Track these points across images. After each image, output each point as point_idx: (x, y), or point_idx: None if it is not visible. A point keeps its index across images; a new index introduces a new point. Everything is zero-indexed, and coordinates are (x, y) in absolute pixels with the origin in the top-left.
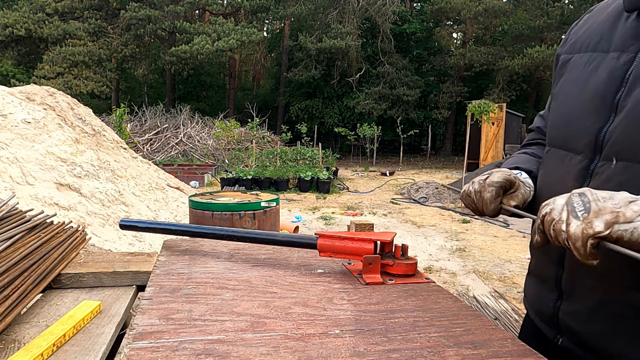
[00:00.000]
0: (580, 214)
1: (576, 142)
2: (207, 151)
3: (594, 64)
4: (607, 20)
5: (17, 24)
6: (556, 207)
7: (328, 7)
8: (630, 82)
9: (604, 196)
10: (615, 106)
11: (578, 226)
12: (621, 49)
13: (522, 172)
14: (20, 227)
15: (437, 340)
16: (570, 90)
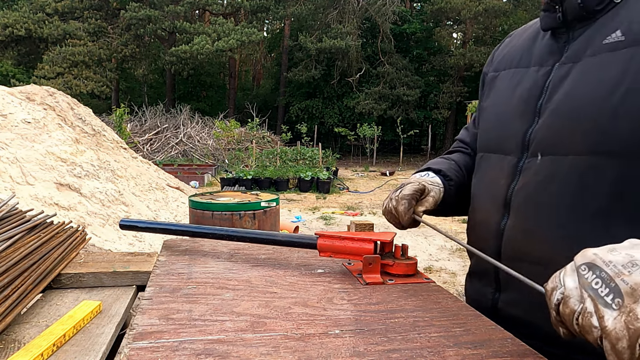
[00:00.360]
0: (611, 301)
1: (506, 144)
2: (207, 151)
3: (518, 77)
4: (526, 40)
5: (17, 24)
6: (571, 294)
7: (328, 7)
8: (549, 90)
9: (622, 262)
10: (538, 110)
11: (616, 319)
12: (540, 64)
13: (430, 172)
14: (20, 227)
15: (437, 340)
16: (499, 100)
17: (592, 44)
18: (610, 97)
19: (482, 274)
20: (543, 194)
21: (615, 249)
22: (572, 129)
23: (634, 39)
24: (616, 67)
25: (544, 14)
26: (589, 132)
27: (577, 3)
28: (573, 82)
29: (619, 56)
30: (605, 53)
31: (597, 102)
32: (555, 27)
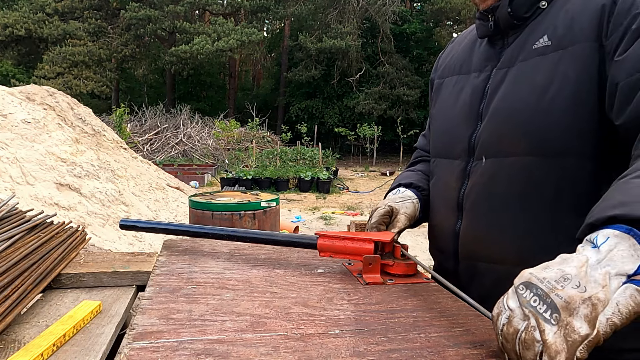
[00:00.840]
0: (549, 316)
1: (454, 149)
2: (207, 151)
3: (461, 84)
4: (466, 47)
5: (17, 24)
6: (514, 314)
7: (328, 7)
8: (489, 95)
9: (555, 277)
10: (480, 115)
11: (556, 334)
12: (479, 70)
13: (401, 188)
14: (20, 227)
15: (437, 340)
16: (445, 107)
17: (524, 49)
18: (541, 99)
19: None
20: (489, 196)
21: (549, 266)
22: (510, 132)
23: (558, 43)
24: (545, 70)
25: (478, 23)
26: (525, 133)
27: (508, 12)
28: (508, 86)
29: (547, 60)
30: (535, 57)
31: (531, 105)
32: (489, 34)
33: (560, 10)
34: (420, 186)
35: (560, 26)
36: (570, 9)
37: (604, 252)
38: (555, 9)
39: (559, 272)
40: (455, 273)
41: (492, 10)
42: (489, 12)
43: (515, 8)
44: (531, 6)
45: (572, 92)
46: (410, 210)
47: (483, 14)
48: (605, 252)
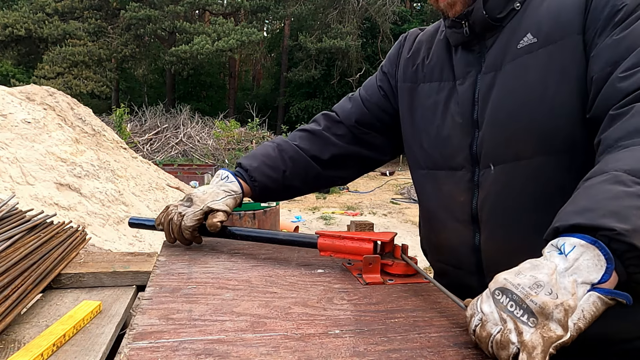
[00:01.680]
0: (527, 320)
1: (454, 160)
2: (207, 151)
3: (445, 91)
4: (440, 52)
5: (17, 24)
6: (488, 318)
7: (328, 7)
8: (480, 102)
9: (528, 284)
10: (475, 123)
11: (533, 334)
12: (462, 76)
13: (230, 176)
14: (20, 227)
15: (437, 340)
16: (432, 117)
17: (509, 50)
18: (542, 97)
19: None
20: (505, 203)
21: (521, 272)
22: (516, 135)
23: (545, 38)
24: (538, 68)
25: (450, 31)
26: (531, 134)
27: (483, 14)
28: (501, 89)
29: (537, 57)
30: (524, 56)
31: (531, 105)
32: (465, 40)
33: (539, 8)
34: (254, 177)
35: (544, 22)
36: (552, 4)
37: (571, 261)
38: (532, 8)
39: (532, 278)
40: (481, 288)
41: (464, 16)
42: (462, 18)
43: (490, 9)
44: (505, 6)
45: (571, 85)
46: (231, 205)
47: (455, 21)
48: (572, 260)
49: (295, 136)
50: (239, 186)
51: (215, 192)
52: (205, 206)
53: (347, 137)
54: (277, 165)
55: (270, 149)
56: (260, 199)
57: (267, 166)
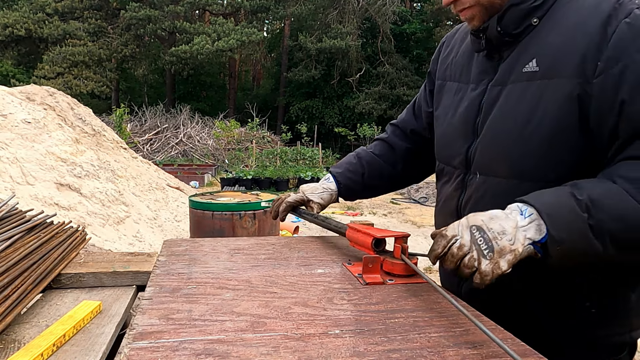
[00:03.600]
0: (487, 254)
1: (455, 159)
2: (207, 151)
3: (461, 93)
4: (466, 53)
5: (17, 24)
6: (466, 243)
7: (328, 7)
8: (484, 110)
9: (498, 230)
10: (476, 130)
11: (487, 265)
12: (476, 82)
13: (330, 177)
14: (20, 227)
15: (437, 340)
16: (446, 114)
17: (515, 70)
18: (523, 128)
19: None
20: (480, 208)
21: (493, 218)
22: (497, 154)
23: (544, 72)
24: (531, 98)
25: (472, 38)
26: (507, 158)
27: (498, 31)
28: (500, 107)
29: (532, 87)
30: (524, 82)
31: (513, 132)
32: (482, 50)
33: (551, 32)
34: (340, 181)
35: (549, 53)
36: (560, 33)
37: (527, 222)
38: (547, 29)
39: (501, 227)
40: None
41: (482, 30)
42: (481, 32)
43: (505, 26)
44: (521, 22)
45: (551, 126)
46: (326, 199)
47: (475, 32)
48: (527, 222)
49: (372, 145)
50: (336, 185)
51: (316, 187)
52: (304, 194)
53: (407, 141)
54: (357, 170)
55: (352, 158)
56: (347, 197)
57: (349, 171)
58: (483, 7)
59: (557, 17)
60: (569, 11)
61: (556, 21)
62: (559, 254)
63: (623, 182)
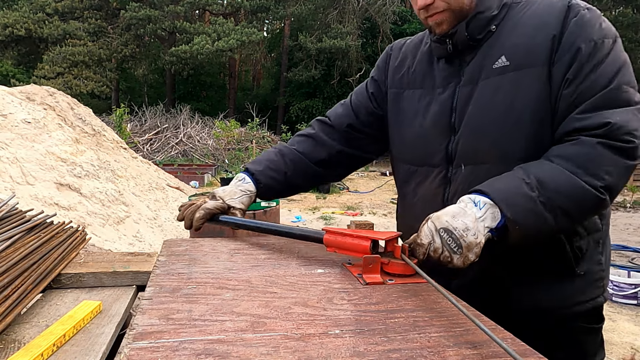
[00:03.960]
0: (457, 251)
1: (432, 159)
2: (207, 151)
3: (427, 98)
4: (423, 63)
5: (17, 24)
6: (438, 246)
7: (328, 7)
8: (458, 110)
9: (462, 228)
10: (452, 128)
11: (458, 259)
12: (443, 86)
13: (246, 177)
14: (20, 227)
15: (437, 340)
16: (412, 119)
17: (485, 68)
18: (506, 117)
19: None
20: None
21: (455, 216)
22: (483, 143)
23: (516, 64)
24: (507, 90)
25: (435, 45)
26: (494, 145)
27: (465, 36)
28: (476, 102)
29: (507, 79)
30: (496, 77)
31: (498, 121)
32: (447, 55)
33: (512, 33)
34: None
35: (517, 48)
36: (523, 33)
37: (482, 212)
38: (506, 32)
39: (464, 224)
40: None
41: (449, 35)
42: (446, 36)
43: (471, 31)
44: (484, 29)
45: (531, 109)
46: (246, 203)
47: (441, 38)
48: (483, 212)
49: (294, 141)
50: (254, 186)
51: (234, 191)
52: (224, 202)
53: (339, 139)
54: (280, 168)
55: (273, 154)
56: (266, 197)
57: (271, 169)
58: (453, 13)
59: (514, 22)
60: (524, 16)
61: (513, 25)
62: (518, 233)
63: (559, 160)
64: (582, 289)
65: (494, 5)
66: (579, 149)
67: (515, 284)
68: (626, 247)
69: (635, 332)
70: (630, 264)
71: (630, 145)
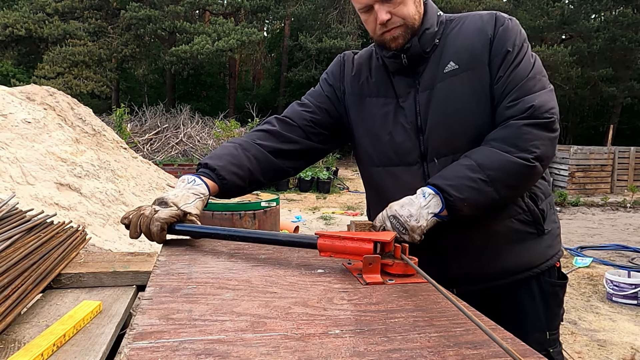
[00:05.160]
0: (404, 232)
1: (408, 158)
2: (207, 151)
3: (391, 106)
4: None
5: (17, 24)
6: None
7: (328, 7)
8: (422, 113)
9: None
10: (420, 129)
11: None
12: (404, 95)
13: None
14: (20, 227)
15: (437, 340)
16: (384, 125)
17: (438, 74)
18: (469, 107)
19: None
20: None
21: (403, 205)
22: (451, 136)
23: (464, 66)
24: (462, 87)
25: (390, 60)
26: (464, 133)
27: (418, 49)
28: (437, 103)
29: (461, 79)
30: (450, 78)
31: (463, 112)
32: (403, 68)
33: (454, 43)
34: (222, 176)
35: (462, 54)
36: (465, 41)
37: (427, 201)
38: (449, 42)
39: (408, 211)
40: (432, 245)
41: (404, 50)
42: (402, 52)
43: (422, 45)
44: (431, 42)
45: (484, 100)
46: (200, 207)
47: (395, 54)
48: (428, 201)
49: (254, 136)
50: (206, 188)
51: (186, 195)
52: (179, 208)
53: (300, 134)
54: (243, 163)
55: (233, 149)
56: (226, 195)
57: (234, 165)
58: (407, 28)
59: (453, 34)
60: (461, 29)
61: (454, 36)
62: (467, 209)
63: (495, 142)
64: (550, 244)
65: (435, 23)
66: (509, 130)
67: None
68: (626, 247)
69: (635, 332)
70: (630, 264)
71: (550, 120)
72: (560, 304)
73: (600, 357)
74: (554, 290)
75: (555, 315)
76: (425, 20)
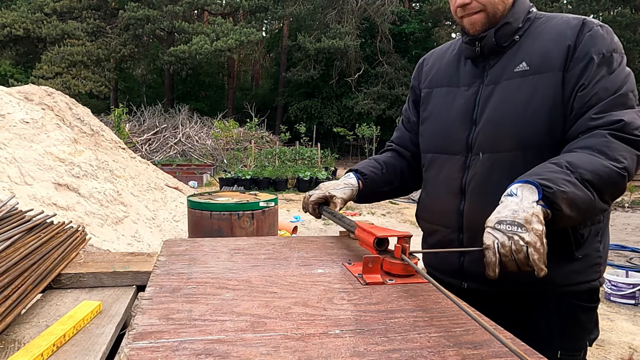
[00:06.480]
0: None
1: (454, 147)
2: (205, 151)
3: (452, 95)
4: (451, 64)
5: (16, 24)
6: (503, 240)
7: (327, 7)
8: (480, 105)
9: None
10: (474, 121)
11: (528, 235)
12: (468, 84)
13: (351, 174)
14: (20, 227)
15: (437, 340)
16: (439, 113)
17: (507, 71)
18: (525, 111)
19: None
20: (486, 182)
21: (500, 211)
22: (501, 134)
23: (535, 70)
24: (526, 89)
25: (466, 46)
26: (513, 135)
27: (493, 41)
28: (498, 99)
29: (527, 81)
30: (518, 78)
31: (517, 115)
32: (474, 57)
33: (533, 44)
34: (365, 173)
35: (536, 56)
36: (542, 44)
37: (520, 195)
38: (528, 42)
39: (510, 210)
40: (459, 241)
41: (480, 38)
42: (477, 39)
43: (498, 38)
44: (509, 37)
45: (548, 107)
46: (348, 195)
47: (472, 40)
48: (520, 194)
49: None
50: (356, 181)
51: (337, 183)
52: (327, 191)
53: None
54: (377, 166)
55: (368, 160)
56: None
57: (371, 166)
58: (487, 15)
59: (535, 34)
60: (546, 29)
61: (535, 37)
62: (566, 203)
63: (581, 150)
64: (580, 271)
65: (520, 19)
66: (596, 139)
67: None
68: (624, 247)
69: (633, 331)
70: (629, 264)
71: (638, 139)
72: (584, 327)
73: (598, 356)
74: (575, 312)
75: (575, 337)
76: (509, 14)
